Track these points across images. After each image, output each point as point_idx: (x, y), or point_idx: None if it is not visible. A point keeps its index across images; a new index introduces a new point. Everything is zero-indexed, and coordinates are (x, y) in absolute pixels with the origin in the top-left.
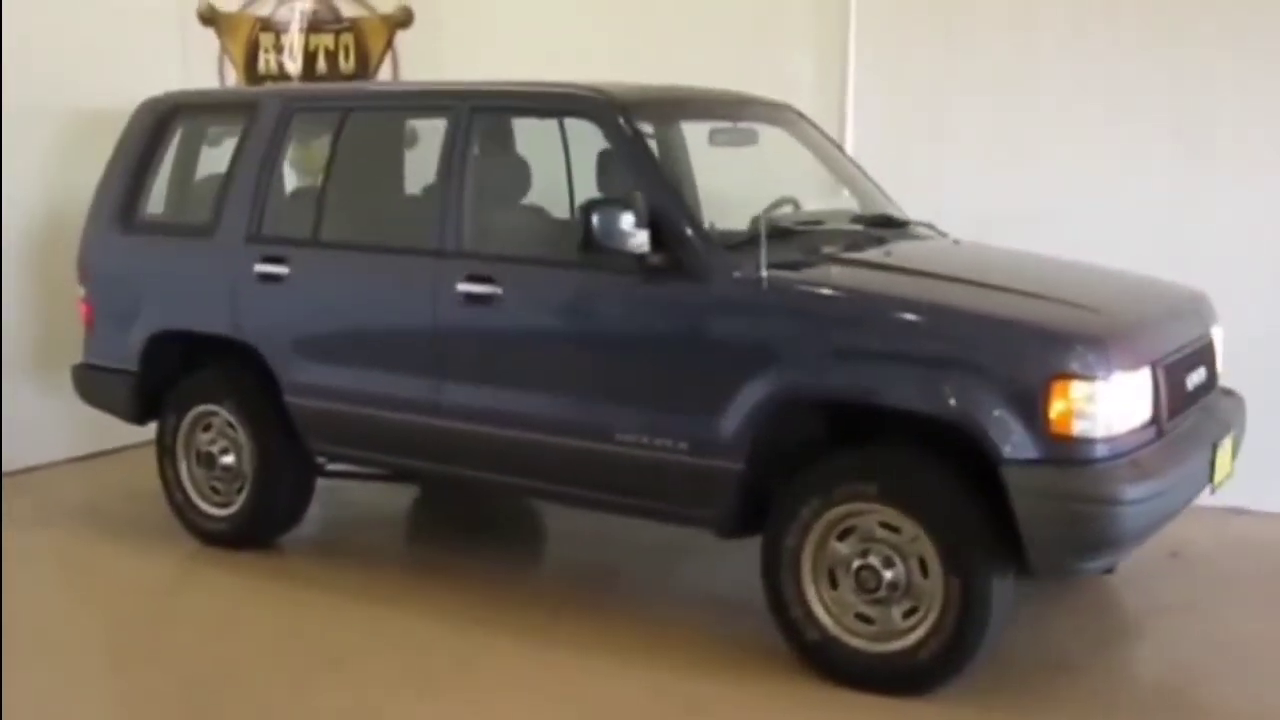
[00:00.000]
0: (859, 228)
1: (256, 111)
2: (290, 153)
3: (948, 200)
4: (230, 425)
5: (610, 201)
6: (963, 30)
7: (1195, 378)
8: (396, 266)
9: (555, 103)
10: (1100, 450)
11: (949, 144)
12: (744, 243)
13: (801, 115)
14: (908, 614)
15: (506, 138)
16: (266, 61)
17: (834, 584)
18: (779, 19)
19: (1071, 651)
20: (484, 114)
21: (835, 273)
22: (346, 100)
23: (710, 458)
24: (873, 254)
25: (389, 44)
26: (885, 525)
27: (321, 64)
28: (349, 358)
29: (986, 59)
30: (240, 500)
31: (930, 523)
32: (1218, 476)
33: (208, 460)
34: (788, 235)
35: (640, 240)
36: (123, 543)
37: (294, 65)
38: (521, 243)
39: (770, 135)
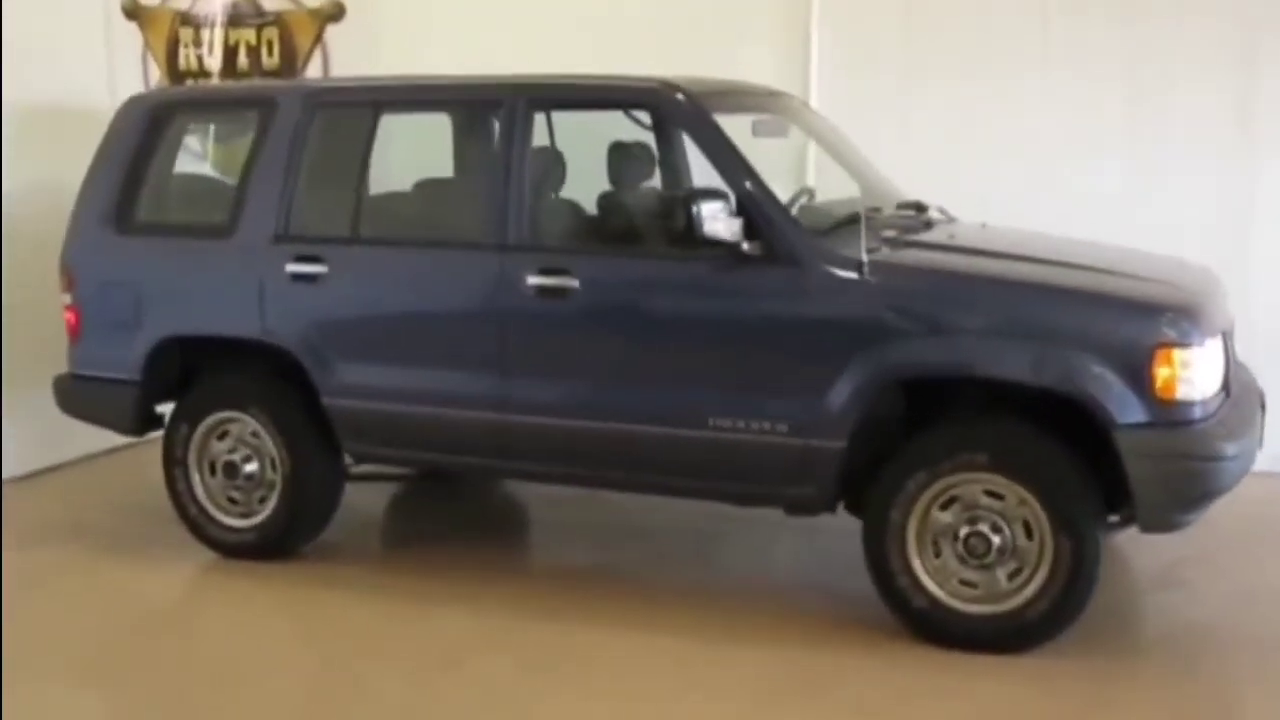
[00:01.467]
0: (910, 213)
1: (273, 109)
2: (210, 152)
3: (912, 186)
4: (252, 432)
5: (708, 192)
6: (924, 18)
7: (1235, 345)
8: (454, 261)
9: (624, 96)
10: (1198, 412)
11: (912, 130)
12: (827, 230)
13: (805, 104)
14: (1011, 576)
15: (562, 131)
16: (186, 57)
17: (937, 552)
18: (739, 6)
19: (1116, 600)
20: (542, 108)
21: (926, 256)
22: (382, 95)
23: (812, 437)
24: (937, 237)
25: (318, 39)
26: (989, 493)
27: (243, 59)
28: (400, 356)
29: (949, 46)
30: (268, 509)
31: (1042, 488)
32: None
33: (228, 470)
34: (854, 222)
35: (735, 229)
36: (131, 558)
37: (213, 61)
38: (596, 234)
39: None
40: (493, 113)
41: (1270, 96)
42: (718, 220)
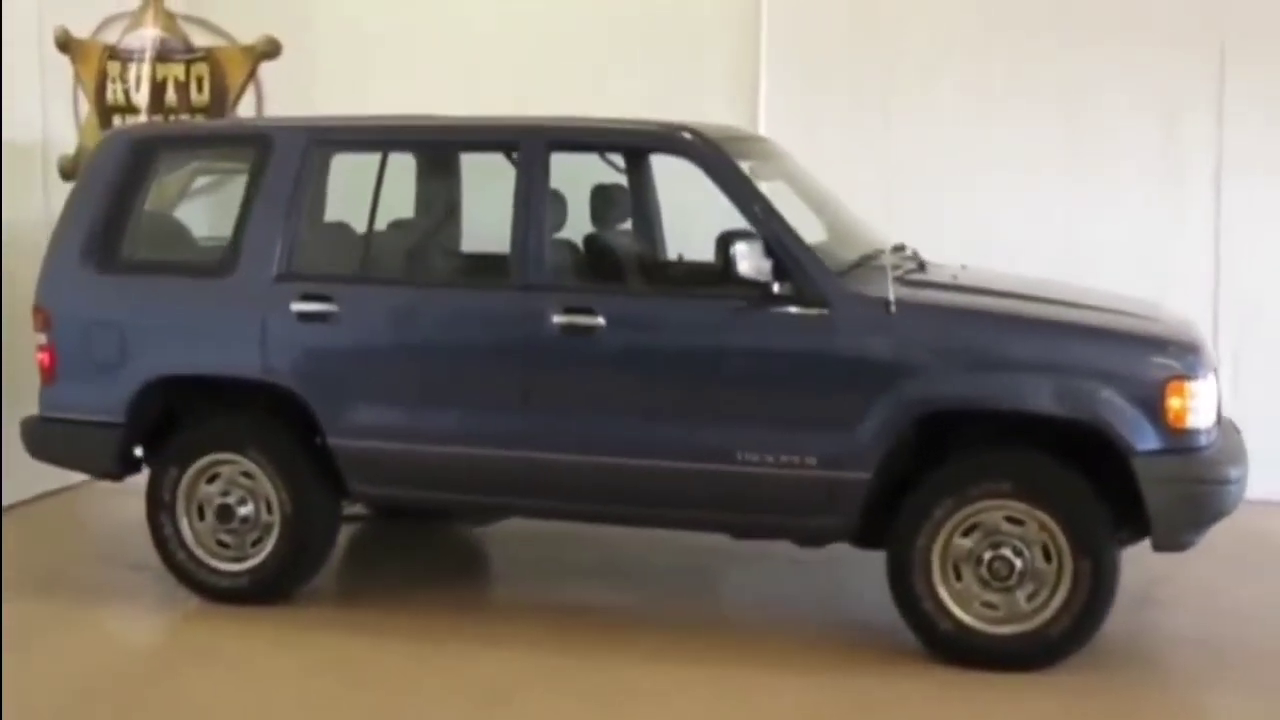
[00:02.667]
0: (908, 256)
1: (269, 147)
2: None
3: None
4: (245, 474)
5: (743, 234)
6: (870, 51)
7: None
8: (474, 300)
9: (647, 141)
10: (1203, 439)
11: (860, 162)
12: (846, 271)
13: (785, 151)
14: (1029, 597)
15: (582, 174)
16: (114, 92)
17: (958, 577)
18: (687, 36)
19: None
20: (561, 150)
21: (944, 296)
22: (391, 134)
23: (841, 470)
24: (941, 278)
25: (251, 75)
26: (1009, 519)
27: (171, 95)
28: (417, 395)
29: (895, 79)
30: (264, 552)
31: (1063, 513)
32: None
33: (222, 513)
34: (860, 264)
35: (767, 269)
36: (110, 607)
37: (140, 97)
38: (620, 274)
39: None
40: (508, 154)
41: (1192, 142)
42: (751, 261)
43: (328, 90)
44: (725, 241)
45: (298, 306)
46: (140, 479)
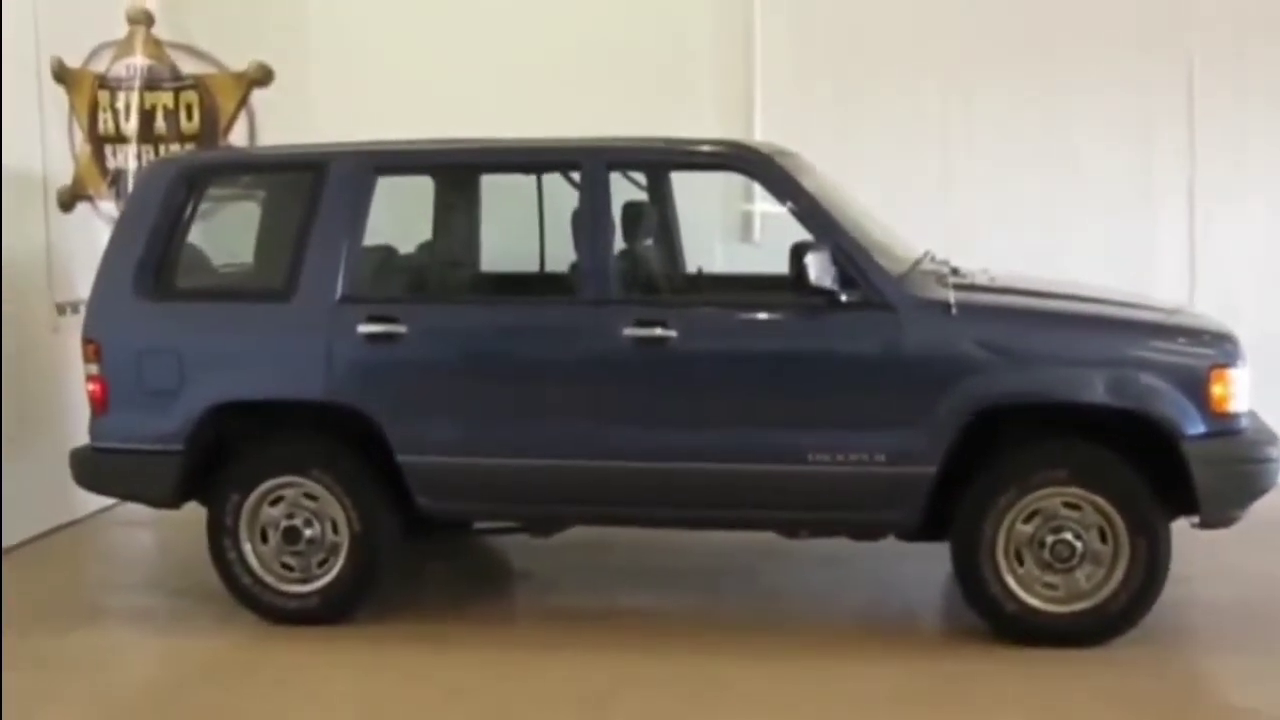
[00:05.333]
0: (944, 261)
1: (324, 173)
2: None
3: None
4: (309, 496)
5: (813, 245)
6: (856, 86)
7: None
8: (544, 317)
9: (710, 159)
10: (1243, 422)
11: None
12: (903, 277)
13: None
14: (1087, 577)
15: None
16: (105, 121)
17: (1020, 561)
18: (680, 56)
19: None
20: (620, 170)
21: (994, 298)
22: (450, 158)
23: (908, 465)
24: (980, 280)
25: (243, 102)
26: (1067, 505)
27: (160, 124)
28: (487, 411)
29: (881, 113)
30: (332, 572)
31: (1119, 496)
32: None
33: (289, 535)
34: (913, 269)
35: (835, 277)
36: (172, 633)
37: (129, 125)
38: (685, 286)
39: None
40: (566, 174)
41: (1165, 150)
42: (822, 270)
43: (322, 116)
44: (798, 252)
45: (365, 328)
46: (136, 509)
